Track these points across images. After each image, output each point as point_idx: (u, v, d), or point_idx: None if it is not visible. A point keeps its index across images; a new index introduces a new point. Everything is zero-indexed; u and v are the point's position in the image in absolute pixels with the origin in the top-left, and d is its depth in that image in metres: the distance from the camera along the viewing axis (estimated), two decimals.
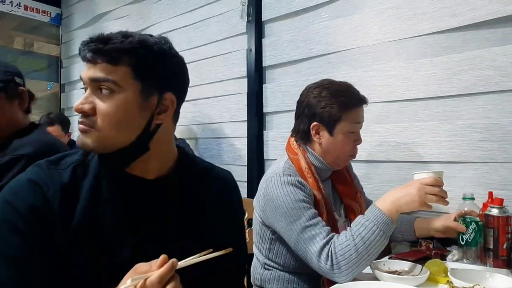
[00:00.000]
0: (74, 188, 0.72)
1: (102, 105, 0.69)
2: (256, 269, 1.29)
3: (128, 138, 0.72)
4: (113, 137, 0.70)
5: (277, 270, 1.23)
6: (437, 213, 1.42)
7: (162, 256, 0.61)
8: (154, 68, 0.73)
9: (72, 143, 2.53)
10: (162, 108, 0.74)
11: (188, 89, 0.82)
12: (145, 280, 0.59)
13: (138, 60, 0.71)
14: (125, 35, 0.72)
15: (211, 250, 0.66)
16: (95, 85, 0.70)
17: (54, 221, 0.69)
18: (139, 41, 0.71)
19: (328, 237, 1.03)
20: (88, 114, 0.70)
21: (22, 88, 1.18)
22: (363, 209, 1.24)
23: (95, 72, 0.70)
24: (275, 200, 1.11)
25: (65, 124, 2.58)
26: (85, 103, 0.70)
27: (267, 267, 1.26)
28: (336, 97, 1.18)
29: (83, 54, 0.71)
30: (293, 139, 1.27)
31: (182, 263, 0.63)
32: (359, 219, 1.03)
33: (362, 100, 1.20)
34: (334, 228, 1.14)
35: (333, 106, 1.17)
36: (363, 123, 1.24)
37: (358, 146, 1.48)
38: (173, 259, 0.61)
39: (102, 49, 0.69)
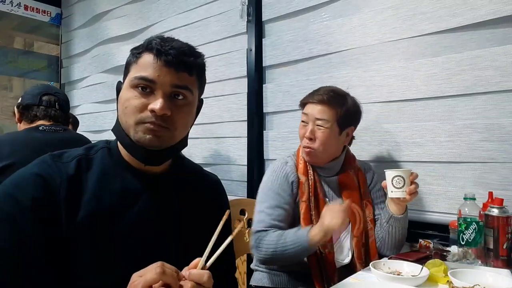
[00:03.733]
0: (79, 179, 0.74)
1: (178, 111, 0.77)
2: None
3: (183, 137, 0.82)
4: (179, 135, 0.80)
5: None
6: (435, 212, 1.42)
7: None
8: (204, 79, 0.86)
9: None
10: (198, 111, 0.87)
11: None
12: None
13: (202, 73, 0.84)
14: (194, 48, 0.82)
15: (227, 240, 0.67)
16: (174, 90, 0.76)
17: (58, 212, 0.70)
18: (203, 57, 0.84)
19: (268, 227, 1.24)
20: (166, 118, 0.75)
21: None
22: (366, 216, 1.33)
23: (178, 79, 0.76)
24: (263, 180, 1.36)
25: (76, 124, 2.60)
26: (166, 109, 0.74)
27: None
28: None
29: (167, 58, 0.75)
30: None
31: (209, 263, 0.64)
32: (298, 230, 1.21)
33: (312, 99, 1.32)
34: (317, 209, 1.29)
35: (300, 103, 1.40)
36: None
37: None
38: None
39: (191, 62, 0.79)
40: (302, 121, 1.35)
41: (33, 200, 0.68)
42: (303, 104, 1.37)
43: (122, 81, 0.82)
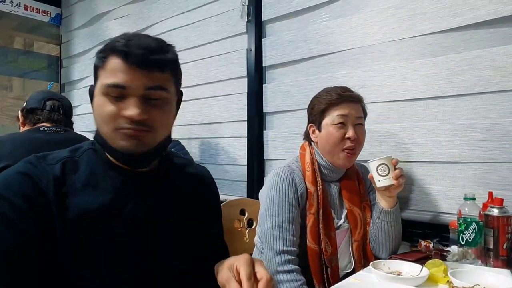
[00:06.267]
0: (66, 182, 0.73)
1: (155, 111, 0.74)
2: (254, 256, 1.36)
3: (166, 135, 0.79)
4: (161, 136, 0.77)
5: None
6: (435, 212, 1.42)
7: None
8: (179, 71, 0.81)
9: None
10: (178, 104, 0.83)
11: (188, 88, 0.86)
12: None
13: (175, 66, 0.79)
14: (162, 41, 0.77)
15: None
16: (148, 92, 0.73)
17: (50, 211, 0.70)
18: (174, 49, 0.78)
19: (291, 250, 1.16)
20: (145, 121, 0.72)
21: None
22: (366, 219, 1.33)
23: (150, 80, 0.73)
24: (270, 190, 1.25)
25: None
26: (143, 113, 0.72)
27: (263, 251, 1.31)
28: (321, 96, 1.31)
29: (135, 59, 0.71)
30: (304, 140, 1.42)
31: None
32: None
33: (346, 97, 1.27)
34: (324, 222, 1.23)
35: (319, 105, 1.30)
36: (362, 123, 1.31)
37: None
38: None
39: (161, 59, 0.74)
40: (339, 123, 1.25)
41: (23, 198, 0.68)
42: (330, 104, 1.26)
43: (94, 84, 0.79)
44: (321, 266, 1.21)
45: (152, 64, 0.72)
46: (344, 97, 1.26)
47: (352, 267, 1.29)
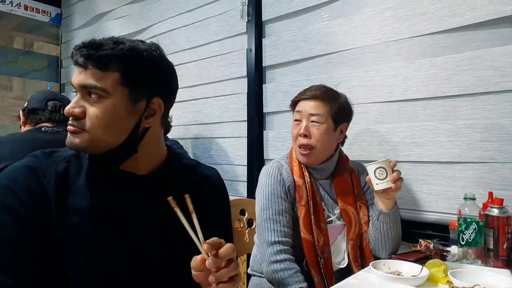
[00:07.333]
0: (67, 180, 0.74)
1: (91, 109, 0.72)
2: (254, 253, 1.41)
3: (116, 140, 0.75)
4: (101, 139, 0.73)
5: None
6: (435, 212, 1.42)
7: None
8: (142, 75, 0.76)
9: None
10: (150, 112, 0.78)
11: (188, 88, 0.85)
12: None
13: (127, 67, 0.74)
14: (116, 41, 0.75)
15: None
16: (85, 90, 0.73)
17: (49, 207, 0.71)
18: (130, 48, 0.74)
19: (283, 240, 1.20)
20: (78, 118, 0.73)
21: None
22: (361, 218, 1.33)
23: (85, 78, 0.72)
24: (260, 186, 1.33)
25: None
26: (75, 107, 0.73)
27: (258, 244, 1.34)
28: None
29: (75, 58, 0.74)
30: None
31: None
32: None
33: (302, 94, 1.34)
34: (315, 213, 1.26)
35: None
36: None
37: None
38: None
39: (93, 55, 0.72)
40: (296, 120, 1.33)
41: (29, 192, 0.69)
42: (294, 102, 1.36)
43: None
44: (317, 257, 1.24)
45: (88, 62, 0.72)
46: (301, 94, 1.33)
47: (346, 264, 1.30)
